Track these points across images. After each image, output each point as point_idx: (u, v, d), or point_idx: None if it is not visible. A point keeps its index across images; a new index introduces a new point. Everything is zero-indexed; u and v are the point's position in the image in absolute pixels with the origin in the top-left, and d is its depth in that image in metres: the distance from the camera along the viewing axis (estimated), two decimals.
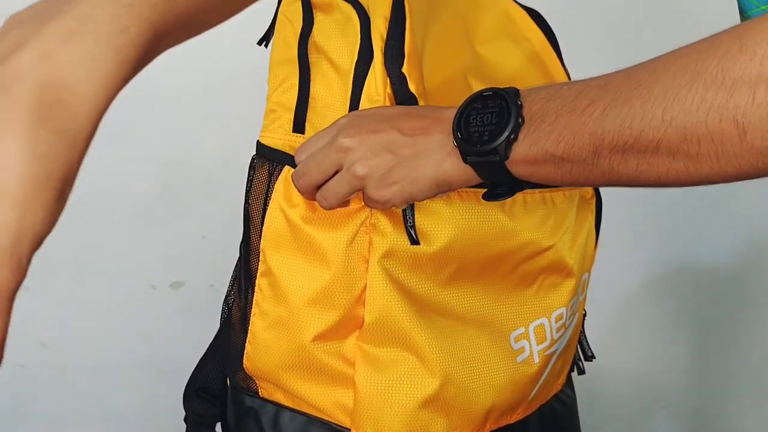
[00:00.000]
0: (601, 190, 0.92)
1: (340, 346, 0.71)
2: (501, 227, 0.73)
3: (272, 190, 0.74)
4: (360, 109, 0.69)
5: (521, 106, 0.56)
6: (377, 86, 0.69)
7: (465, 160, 0.58)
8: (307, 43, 0.74)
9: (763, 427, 1.52)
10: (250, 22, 0.85)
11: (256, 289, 0.74)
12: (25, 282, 0.38)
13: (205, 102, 1.34)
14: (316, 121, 0.73)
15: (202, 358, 0.86)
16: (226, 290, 0.83)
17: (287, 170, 0.72)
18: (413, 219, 0.67)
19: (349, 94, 0.70)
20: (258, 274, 0.74)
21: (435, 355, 0.69)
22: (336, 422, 0.72)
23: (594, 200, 0.88)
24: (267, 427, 0.75)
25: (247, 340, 0.75)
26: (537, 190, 0.77)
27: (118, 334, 1.44)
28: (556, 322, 0.81)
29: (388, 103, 0.69)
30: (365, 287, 0.69)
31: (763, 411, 1.53)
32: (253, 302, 0.75)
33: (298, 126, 0.74)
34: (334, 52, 0.72)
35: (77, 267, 1.39)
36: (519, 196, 0.75)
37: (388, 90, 0.68)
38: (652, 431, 1.63)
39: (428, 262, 0.69)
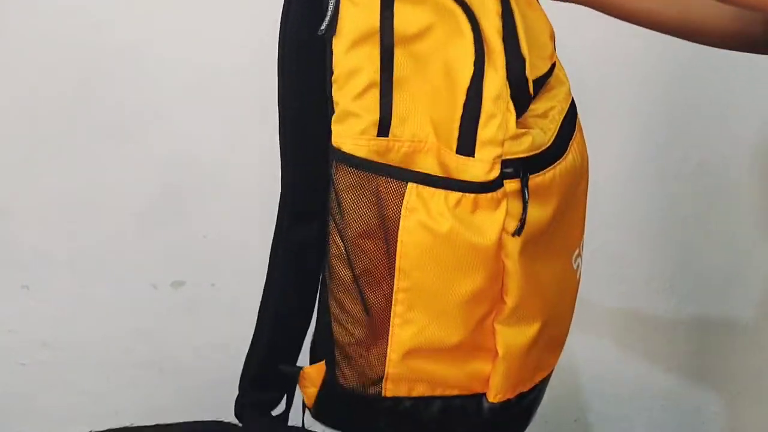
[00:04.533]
0: (596, 190, 0.92)
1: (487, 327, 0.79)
2: None
3: (397, 208, 0.75)
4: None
5: None
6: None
7: None
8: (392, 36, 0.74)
9: (762, 427, 1.51)
10: (250, 23, 0.86)
11: (395, 303, 0.77)
12: (25, 282, 0.39)
13: (206, 102, 1.34)
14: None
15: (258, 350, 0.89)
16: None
17: (416, 187, 0.74)
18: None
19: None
20: (398, 292, 0.77)
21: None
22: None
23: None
24: (401, 420, 0.81)
25: (391, 349, 0.79)
26: None
27: (119, 332, 1.44)
28: None
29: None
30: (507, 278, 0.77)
31: (762, 411, 1.53)
32: (392, 315, 0.78)
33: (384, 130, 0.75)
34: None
35: (78, 266, 1.39)
36: None
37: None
38: (652, 431, 1.63)
39: (545, 231, 0.78)
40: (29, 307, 1.38)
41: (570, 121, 0.82)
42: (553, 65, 0.83)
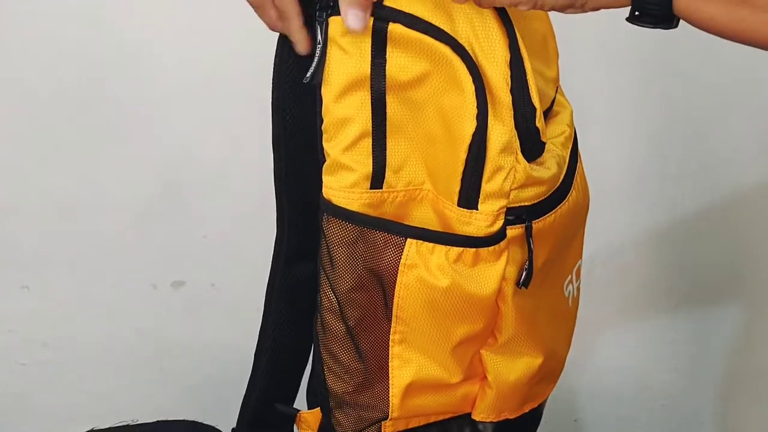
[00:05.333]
0: (596, 190, 0.92)
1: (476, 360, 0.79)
2: None
3: (394, 263, 0.72)
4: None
5: None
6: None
7: None
8: (383, 85, 0.69)
9: (762, 427, 1.52)
10: (250, 22, 0.86)
11: (392, 345, 0.76)
12: (25, 282, 0.39)
13: (206, 102, 1.34)
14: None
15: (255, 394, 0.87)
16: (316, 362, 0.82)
17: (415, 243, 0.71)
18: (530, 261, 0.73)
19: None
20: (394, 333, 0.75)
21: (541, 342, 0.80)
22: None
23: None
24: None
25: (393, 394, 0.77)
26: None
27: (119, 333, 1.44)
28: None
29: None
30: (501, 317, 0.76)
31: (762, 411, 1.53)
32: (390, 357, 0.76)
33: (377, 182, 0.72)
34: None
35: (77, 266, 1.39)
36: None
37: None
38: (652, 431, 1.63)
39: (538, 272, 0.75)
40: (29, 307, 1.39)
41: (574, 151, 0.79)
42: (556, 89, 0.81)
